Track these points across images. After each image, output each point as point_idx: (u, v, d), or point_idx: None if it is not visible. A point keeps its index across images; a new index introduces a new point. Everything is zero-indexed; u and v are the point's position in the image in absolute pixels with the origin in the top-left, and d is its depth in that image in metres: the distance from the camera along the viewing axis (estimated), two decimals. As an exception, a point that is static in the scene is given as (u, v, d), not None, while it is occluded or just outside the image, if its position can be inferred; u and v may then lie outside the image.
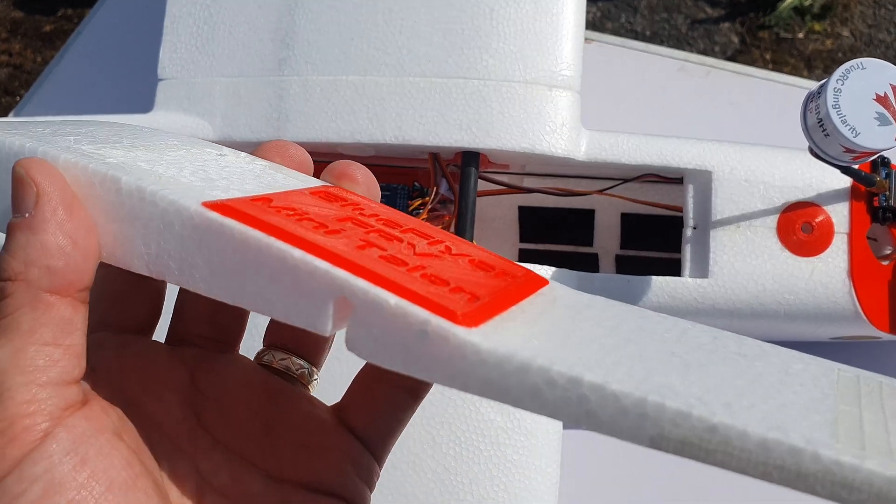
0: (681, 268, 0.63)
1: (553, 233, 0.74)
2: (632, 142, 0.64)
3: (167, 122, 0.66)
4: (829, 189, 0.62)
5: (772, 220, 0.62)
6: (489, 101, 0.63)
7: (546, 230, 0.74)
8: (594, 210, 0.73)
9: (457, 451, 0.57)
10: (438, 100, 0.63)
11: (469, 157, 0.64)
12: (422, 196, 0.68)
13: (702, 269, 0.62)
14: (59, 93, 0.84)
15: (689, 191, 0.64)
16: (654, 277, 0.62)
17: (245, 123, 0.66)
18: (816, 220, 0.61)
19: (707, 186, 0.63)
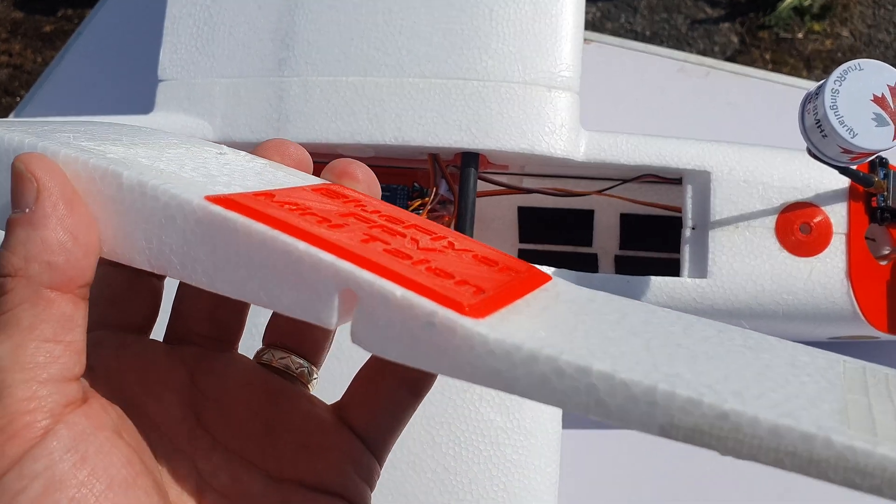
0: (680, 268, 0.63)
1: (552, 233, 0.74)
2: (631, 142, 0.64)
3: (167, 123, 0.66)
4: (828, 189, 0.62)
5: (770, 221, 0.62)
6: (488, 102, 0.63)
7: (545, 230, 0.74)
8: (593, 210, 0.73)
9: (456, 451, 0.57)
10: (438, 101, 0.63)
11: (468, 158, 0.64)
12: (421, 197, 0.68)
13: (700, 270, 0.62)
14: (60, 93, 0.84)
15: (688, 191, 0.64)
16: (653, 278, 0.62)
17: (245, 124, 0.66)
18: (815, 221, 0.61)
19: (706, 187, 0.63)
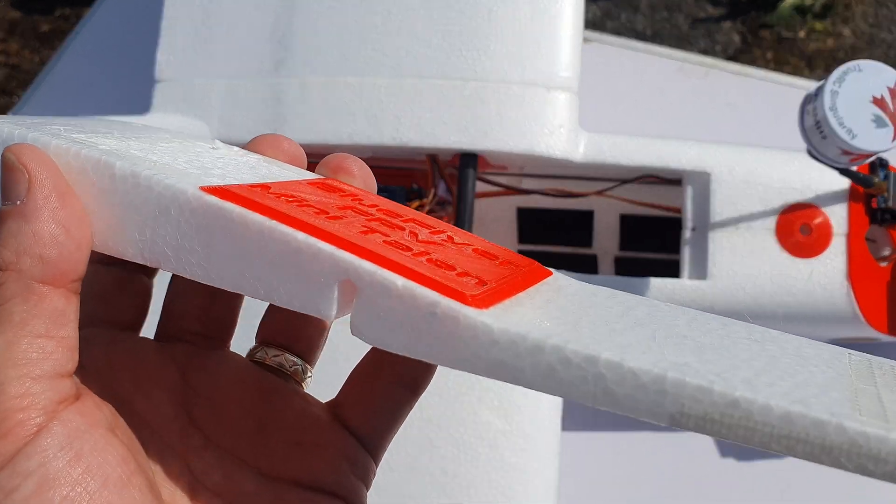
0: (679, 269, 0.63)
1: (552, 234, 0.74)
2: (630, 143, 0.64)
3: (164, 124, 0.66)
4: (828, 191, 0.62)
5: (770, 222, 0.62)
6: (487, 103, 0.63)
7: (545, 231, 0.74)
8: (593, 211, 0.73)
9: (455, 455, 0.57)
10: (436, 101, 0.63)
11: (467, 159, 0.64)
12: (420, 198, 0.67)
13: (700, 271, 0.62)
14: (57, 93, 0.84)
15: (688, 192, 0.63)
16: (653, 279, 0.62)
17: (242, 125, 0.66)
18: (815, 222, 0.61)
19: (706, 188, 0.63)
